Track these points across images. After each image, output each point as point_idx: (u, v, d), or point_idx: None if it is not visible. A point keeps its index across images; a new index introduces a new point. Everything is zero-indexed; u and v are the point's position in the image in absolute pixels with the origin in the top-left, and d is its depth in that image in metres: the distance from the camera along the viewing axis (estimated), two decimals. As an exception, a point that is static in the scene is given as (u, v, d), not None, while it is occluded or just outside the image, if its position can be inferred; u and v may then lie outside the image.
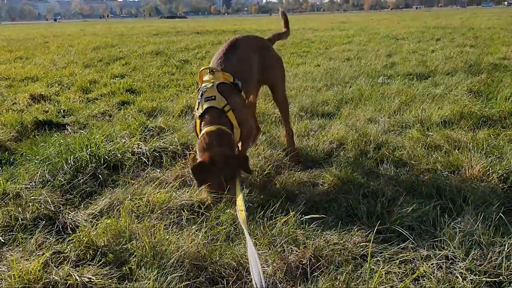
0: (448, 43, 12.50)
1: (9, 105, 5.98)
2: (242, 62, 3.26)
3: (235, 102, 3.02)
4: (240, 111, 3.04)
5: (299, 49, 12.37)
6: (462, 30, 17.55)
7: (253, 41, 3.54)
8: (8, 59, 11.83)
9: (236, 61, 3.21)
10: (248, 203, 2.78)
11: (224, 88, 3.03)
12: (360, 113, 4.75)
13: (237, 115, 2.99)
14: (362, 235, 2.38)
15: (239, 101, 3.08)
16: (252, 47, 3.43)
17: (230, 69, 3.14)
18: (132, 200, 2.70)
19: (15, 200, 2.80)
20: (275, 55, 3.66)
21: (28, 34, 27.59)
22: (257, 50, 3.45)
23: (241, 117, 3.04)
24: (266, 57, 3.50)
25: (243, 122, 3.06)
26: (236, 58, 3.23)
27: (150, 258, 2.18)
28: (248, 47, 3.40)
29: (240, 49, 3.31)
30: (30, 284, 1.99)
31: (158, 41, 16.90)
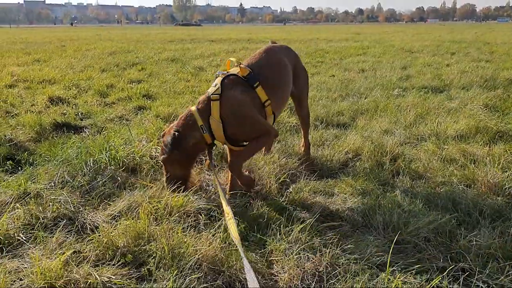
0: (463, 57, 12.47)
1: (28, 106, 6.08)
2: (272, 67, 3.23)
3: (228, 95, 2.94)
4: (231, 105, 2.93)
5: (313, 59, 12.42)
6: (478, 44, 17.50)
7: (287, 52, 3.54)
8: (26, 61, 12.00)
9: (266, 65, 3.20)
10: (263, 209, 2.81)
11: (231, 80, 3.02)
12: (376, 125, 4.77)
13: (225, 107, 2.92)
14: (378, 245, 2.39)
15: (235, 94, 2.96)
16: (287, 57, 3.46)
17: (256, 69, 3.10)
18: (150, 203, 2.74)
19: (35, 200, 2.85)
20: (302, 66, 3.67)
21: (45, 38, 27.99)
22: (291, 61, 3.47)
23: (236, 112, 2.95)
24: (296, 68, 3.52)
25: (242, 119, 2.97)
26: (266, 62, 3.22)
27: (168, 259, 2.21)
28: (283, 55, 3.42)
29: (273, 56, 3.32)
30: (52, 281, 2.03)
31: (173, 48, 17.06)
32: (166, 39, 25.83)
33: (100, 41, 22.61)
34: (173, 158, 2.97)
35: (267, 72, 3.15)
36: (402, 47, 16.35)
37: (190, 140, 2.96)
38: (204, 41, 23.36)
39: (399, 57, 12.66)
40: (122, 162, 3.56)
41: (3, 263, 2.22)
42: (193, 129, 2.95)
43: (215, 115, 2.91)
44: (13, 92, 7.15)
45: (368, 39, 23.42)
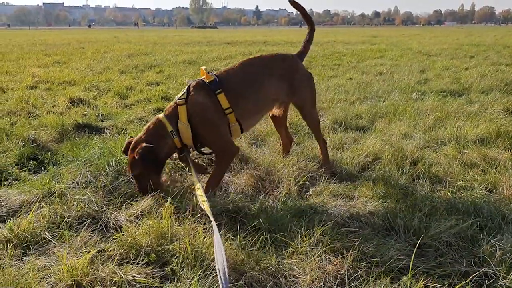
0: (482, 60, 12.34)
1: (49, 107, 6.18)
2: (240, 77, 3.28)
3: (192, 99, 3.06)
4: (195, 108, 3.04)
5: (330, 62, 12.40)
6: (497, 47, 17.30)
7: (277, 64, 3.46)
8: (46, 63, 12.20)
9: (234, 75, 3.26)
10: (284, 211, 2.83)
11: (195, 85, 3.13)
12: (395, 128, 4.75)
13: (190, 111, 3.04)
14: (399, 249, 2.39)
15: (199, 98, 3.07)
16: (275, 69, 3.42)
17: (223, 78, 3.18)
18: (172, 203, 2.77)
19: (60, 199, 2.90)
20: (303, 75, 3.54)
21: (64, 39, 28.38)
22: (281, 73, 3.42)
23: (198, 116, 3.05)
24: (292, 79, 3.46)
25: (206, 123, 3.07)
26: (235, 72, 3.29)
27: (191, 259, 2.24)
28: (265, 68, 3.39)
29: (246, 67, 3.35)
30: (79, 279, 2.08)
31: (190, 51, 17.17)
32: (183, 41, 26.02)
33: (118, 43, 22.86)
34: (148, 171, 3.03)
35: (234, 81, 3.22)
36: (420, 50, 16.24)
37: (163, 149, 3.07)
38: (220, 43, 23.47)
39: (416, 60, 12.58)
40: (143, 163, 3.61)
41: (31, 261, 2.27)
42: (165, 136, 3.06)
43: (183, 118, 3.03)
44: (34, 93, 7.28)
45: (385, 42, 23.32)
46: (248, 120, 3.35)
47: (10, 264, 2.23)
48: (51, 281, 2.11)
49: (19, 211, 2.84)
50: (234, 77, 3.25)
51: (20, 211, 2.82)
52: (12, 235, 2.48)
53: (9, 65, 11.28)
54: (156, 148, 3.01)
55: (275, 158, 3.78)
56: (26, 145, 4.19)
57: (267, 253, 2.37)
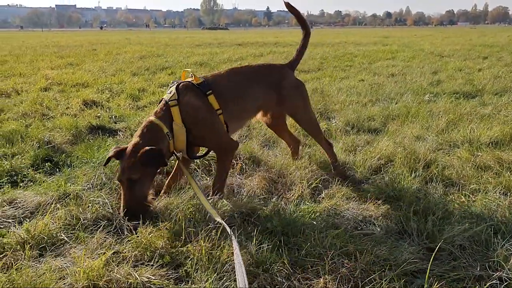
0: (496, 61, 12.23)
1: (63, 109, 6.25)
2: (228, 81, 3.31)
3: (185, 100, 3.03)
4: (190, 109, 3.02)
5: (341, 63, 12.37)
6: (511, 48, 17.12)
7: (265, 72, 3.53)
8: (59, 65, 12.33)
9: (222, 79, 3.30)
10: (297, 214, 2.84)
11: (184, 86, 3.11)
12: (407, 130, 4.74)
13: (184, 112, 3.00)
14: (412, 252, 2.39)
15: (191, 99, 3.05)
16: (264, 77, 3.47)
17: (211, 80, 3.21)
18: (186, 205, 2.80)
19: (75, 201, 2.94)
20: (291, 84, 3.54)
21: (76, 41, 28.64)
22: (269, 81, 3.46)
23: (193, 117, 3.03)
24: (280, 89, 3.47)
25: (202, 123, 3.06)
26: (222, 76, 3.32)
27: (205, 262, 2.26)
28: (252, 75, 3.46)
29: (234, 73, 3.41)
30: (94, 280, 2.10)
31: (201, 52, 17.24)
32: (194, 43, 26.11)
33: (130, 45, 23.00)
34: (147, 177, 2.84)
35: (222, 85, 3.25)
36: (432, 51, 16.14)
37: (163, 151, 2.90)
38: (231, 45, 23.51)
39: (429, 62, 12.51)
40: (157, 165, 3.64)
41: (47, 262, 2.30)
42: (162, 138, 2.94)
43: (177, 120, 2.98)
44: (48, 95, 7.37)
45: (397, 43, 23.20)
46: (234, 123, 3.36)
47: (27, 265, 2.26)
48: (67, 282, 2.14)
49: (35, 212, 2.88)
50: (222, 81, 3.28)
51: (36, 213, 2.87)
52: (29, 236, 2.52)
53: (22, 67, 11.41)
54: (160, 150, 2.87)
55: (287, 161, 3.80)
56: (41, 147, 4.24)
57: (280, 255, 2.38)
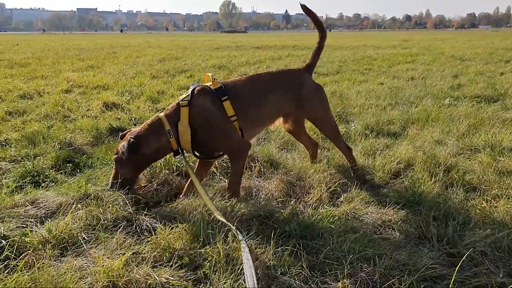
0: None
1: (84, 111, 6.34)
2: (246, 88, 3.32)
3: (197, 102, 3.09)
4: (199, 112, 3.08)
5: (360, 66, 12.31)
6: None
7: (283, 78, 3.51)
8: (80, 67, 12.51)
9: (240, 85, 3.31)
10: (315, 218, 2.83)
11: (201, 89, 3.18)
12: (427, 134, 4.69)
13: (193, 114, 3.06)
14: (433, 257, 2.36)
15: (204, 102, 3.10)
16: (282, 84, 3.45)
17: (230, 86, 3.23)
18: (204, 207, 2.81)
19: (96, 201, 2.98)
20: (309, 88, 3.52)
21: (97, 44, 29.05)
22: (288, 88, 3.45)
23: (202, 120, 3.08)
24: (299, 93, 3.47)
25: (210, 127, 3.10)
26: (241, 83, 3.34)
27: (223, 264, 2.27)
28: (271, 82, 3.44)
29: (253, 80, 3.43)
30: (114, 280, 2.13)
31: (220, 55, 17.32)
32: (213, 46, 26.26)
33: (150, 48, 23.25)
34: (128, 161, 3.08)
35: (240, 91, 3.26)
36: (453, 55, 15.93)
37: (152, 145, 3.08)
38: (250, 48, 23.58)
39: (449, 65, 12.36)
40: (176, 167, 3.68)
41: (68, 261, 2.34)
42: (159, 133, 3.07)
43: (184, 120, 3.05)
44: (69, 97, 7.48)
45: (417, 46, 22.97)
46: (250, 130, 3.36)
47: (49, 264, 2.29)
48: (88, 282, 2.17)
49: (57, 212, 2.92)
50: (241, 87, 3.30)
51: (57, 213, 2.91)
52: (50, 236, 2.55)
53: (45, 70, 11.62)
54: (144, 141, 3.06)
55: (305, 164, 3.79)
56: (62, 148, 4.31)
57: (298, 259, 2.38)
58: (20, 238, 2.54)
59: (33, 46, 25.88)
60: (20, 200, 3.05)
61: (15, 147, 4.39)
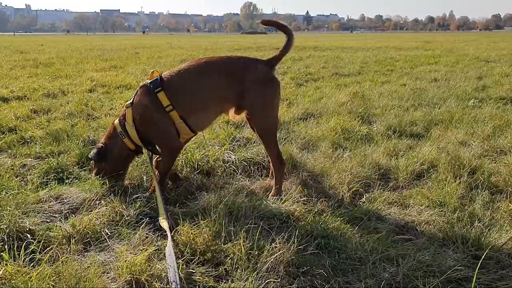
0: (546, 67, 11.75)
1: (107, 110, 6.42)
2: (183, 75, 3.24)
3: (135, 102, 3.23)
4: (136, 109, 3.21)
5: (382, 68, 12.19)
6: (561, 54, 16.42)
7: (223, 63, 3.30)
8: (104, 67, 12.66)
9: (177, 73, 3.25)
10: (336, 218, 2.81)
11: (141, 87, 3.28)
12: (451, 136, 4.61)
13: (133, 112, 3.22)
14: (457, 259, 2.33)
15: (140, 99, 3.21)
16: (225, 69, 3.25)
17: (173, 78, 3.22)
18: (225, 205, 2.82)
19: (119, 198, 3.01)
20: (256, 78, 3.22)
21: (120, 45, 29.39)
22: (233, 74, 3.22)
23: (139, 116, 3.20)
24: (245, 81, 3.20)
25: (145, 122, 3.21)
26: (178, 70, 3.27)
27: (244, 261, 2.27)
28: (212, 66, 3.27)
29: (192, 65, 3.27)
30: (137, 275, 2.15)
31: (241, 55, 17.31)
32: (233, 47, 26.33)
33: (171, 49, 23.43)
34: (102, 166, 3.37)
35: (176, 79, 3.23)
36: (477, 56, 15.67)
37: (114, 148, 3.32)
38: (270, 49, 23.55)
39: (473, 67, 12.15)
40: (197, 165, 3.70)
41: (91, 256, 2.37)
42: (115, 137, 3.32)
43: (129, 120, 3.22)
44: (93, 96, 7.58)
45: (440, 48, 22.65)
46: (194, 118, 3.24)
47: (72, 259, 2.32)
48: (111, 276, 2.19)
49: (80, 208, 2.97)
50: (177, 75, 3.24)
51: (81, 208, 2.95)
52: (74, 231, 2.59)
53: (69, 69, 11.79)
54: (108, 147, 3.33)
55: (327, 164, 3.77)
56: (86, 145, 4.37)
57: (320, 258, 2.36)
58: (45, 232, 2.60)
59: (57, 47, 26.32)
60: (44, 195, 3.11)
61: (40, 144, 4.47)
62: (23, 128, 5.07)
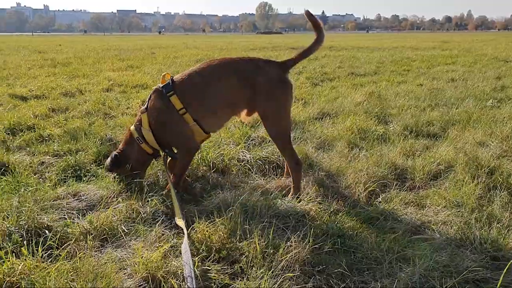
0: None
1: (124, 109, 6.48)
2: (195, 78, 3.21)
3: (149, 106, 3.25)
4: (151, 113, 3.24)
5: (399, 67, 12.09)
6: None
7: (235, 66, 3.25)
8: (121, 67, 12.77)
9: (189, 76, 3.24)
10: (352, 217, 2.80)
11: (153, 92, 3.29)
12: (469, 136, 4.55)
13: (149, 117, 3.25)
14: (475, 260, 2.30)
15: (154, 104, 3.23)
16: (236, 71, 3.21)
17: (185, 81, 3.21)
18: (240, 203, 2.82)
19: (135, 195, 3.04)
20: (267, 81, 3.16)
21: (136, 45, 29.60)
22: (243, 76, 3.18)
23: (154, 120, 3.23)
24: (256, 85, 3.15)
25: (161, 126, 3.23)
26: (189, 73, 3.25)
27: (260, 259, 2.27)
28: (225, 69, 3.24)
29: (204, 68, 3.24)
30: (153, 271, 2.17)
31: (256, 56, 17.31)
32: (248, 47, 26.34)
33: (187, 49, 23.54)
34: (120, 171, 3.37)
35: (188, 82, 3.21)
36: (496, 56, 15.45)
37: (131, 154, 3.34)
38: (286, 48, 23.52)
39: (492, 67, 11.99)
40: (213, 164, 3.71)
41: (108, 252, 2.40)
42: (132, 143, 3.35)
43: (145, 125, 3.25)
44: (110, 95, 7.65)
45: (457, 48, 22.37)
46: (207, 120, 3.24)
47: (90, 255, 2.35)
48: (127, 273, 2.22)
49: (97, 205, 3.01)
50: (189, 78, 3.23)
51: (98, 205, 2.99)
52: (92, 228, 2.62)
53: (86, 69, 11.92)
54: (125, 155, 3.34)
55: (343, 163, 3.75)
56: (103, 144, 4.42)
57: (336, 257, 2.35)
58: (63, 228, 2.63)
59: (75, 47, 26.62)
60: (62, 192, 3.15)
61: (58, 142, 4.53)
62: (42, 126, 5.14)
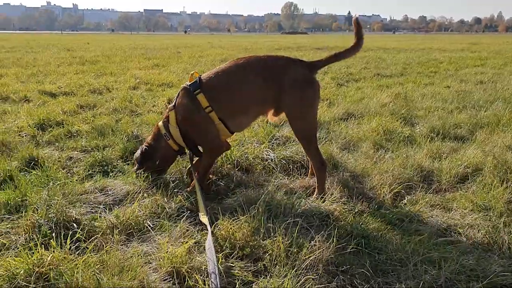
0: None
1: (150, 107, 6.56)
2: (221, 76, 3.20)
3: (177, 104, 3.28)
4: (179, 111, 3.26)
5: (426, 69, 11.92)
6: None
7: (262, 65, 3.21)
8: (147, 66, 12.94)
9: (216, 74, 3.23)
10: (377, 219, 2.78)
11: (181, 90, 3.30)
12: (498, 140, 4.46)
13: (176, 114, 3.27)
14: (503, 265, 2.26)
15: (181, 101, 3.25)
16: (262, 70, 3.17)
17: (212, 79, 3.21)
18: (264, 202, 2.83)
19: (161, 191, 3.08)
20: (293, 80, 3.13)
21: (162, 44, 29.93)
22: (269, 74, 3.14)
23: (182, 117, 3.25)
24: (280, 83, 3.13)
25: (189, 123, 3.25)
26: (217, 72, 3.24)
27: (283, 258, 2.27)
28: (250, 67, 3.20)
29: (230, 66, 3.22)
30: (178, 266, 2.19)
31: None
32: (273, 46, 26.35)
33: (212, 48, 23.69)
34: (147, 166, 3.40)
35: (215, 81, 3.20)
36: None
37: (158, 150, 3.39)
38: (311, 49, 23.46)
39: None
40: (237, 162, 3.73)
41: (134, 246, 2.44)
42: (159, 139, 3.40)
43: (172, 122, 3.29)
44: (136, 93, 7.76)
45: (486, 50, 21.93)
46: (232, 119, 3.23)
47: (116, 248, 2.39)
48: (152, 267, 2.25)
49: (124, 200, 3.06)
50: (215, 77, 3.22)
51: (124, 200, 3.04)
52: (118, 222, 2.67)
53: (113, 67, 12.11)
54: (153, 149, 3.39)
55: (368, 164, 3.72)
56: (129, 140, 4.48)
57: (360, 257, 2.34)
58: (90, 222, 2.69)
59: (102, 45, 27.07)
60: (90, 187, 3.21)
61: (85, 138, 4.62)
62: (70, 123, 5.25)
